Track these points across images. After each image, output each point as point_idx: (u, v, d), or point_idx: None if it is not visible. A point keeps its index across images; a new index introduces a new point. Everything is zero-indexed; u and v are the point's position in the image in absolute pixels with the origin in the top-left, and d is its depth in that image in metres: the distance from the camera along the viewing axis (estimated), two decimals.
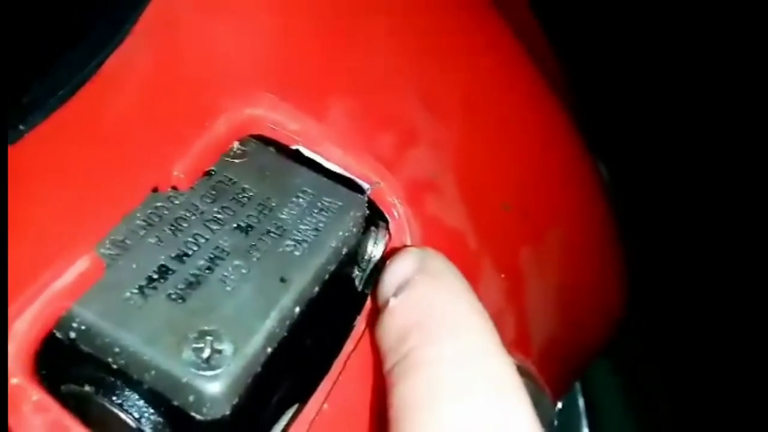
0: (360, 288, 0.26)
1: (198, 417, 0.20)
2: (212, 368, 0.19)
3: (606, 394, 0.60)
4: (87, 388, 0.20)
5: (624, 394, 0.61)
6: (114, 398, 0.20)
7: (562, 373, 0.40)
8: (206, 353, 0.20)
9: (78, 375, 0.20)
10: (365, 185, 0.26)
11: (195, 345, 0.20)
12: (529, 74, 0.38)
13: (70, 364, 0.20)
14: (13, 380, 0.17)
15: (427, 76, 0.30)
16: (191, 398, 0.19)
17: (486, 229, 0.30)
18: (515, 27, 0.35)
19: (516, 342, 0.32)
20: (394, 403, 0.19)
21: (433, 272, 0.22)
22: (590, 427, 0.57)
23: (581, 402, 0.58)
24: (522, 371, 0.31)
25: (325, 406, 0.21)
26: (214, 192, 0.24)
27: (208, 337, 0.20)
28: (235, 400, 0.20)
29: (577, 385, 0.58)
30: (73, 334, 0.20)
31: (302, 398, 0.22)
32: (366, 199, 0.26)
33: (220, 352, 0.20)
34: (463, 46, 0.33)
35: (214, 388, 0.19)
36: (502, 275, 0.31)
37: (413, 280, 0.21)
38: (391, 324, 0.21)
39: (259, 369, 0.21)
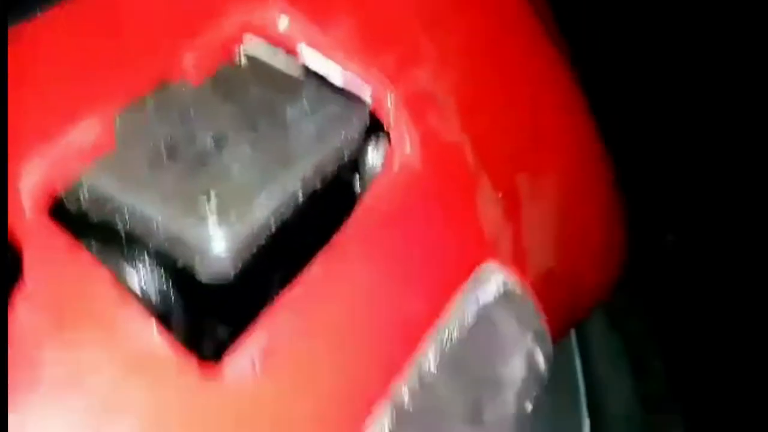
0: (358, 191, 0.28)
1: (202, 276, 0.22)
2: (218, 229, 0.21)
3: (601, 350, 0.61)
4: (94, 246, 0.22)
5: (618, 350, 0.62)
6: (121, 256, 0.22)
7: (558, 310, 0.41)
8: (213, 217, 0.22)
9: (86, 243, 0.22)
10: (366, 95, 0.28)
11: (202, 205, 0.22)
12: (533, 21, 0.40)
13: (79, 232, 0.22)
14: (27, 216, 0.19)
15: (434, 5, 0.32)
16: (197, 257, 0.21)
17: (484, 149, 0.32)
18: None
19: (513, 259, 0.33)
20: None
21: None
22: (586, 383, 0.58)
23: (578, 361, 0.59)
24: (520, 289, 0.33)
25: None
26: (222, 89, 0.26)
27: (215, 203, 0.22)
28: (239, 265, 0.22)
29: (573, 341, 0.59)
30: (83, 201, 0.22)
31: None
32: (368, 108, 0.28)
33: (225, 216, 0.22)
34: None
35: (219, 246, 0.21)
36: (500, 194, 0.32)
37: None
38: None
39: (263, 242, 0.23)
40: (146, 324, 0.21)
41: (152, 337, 0.21)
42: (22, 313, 0.18)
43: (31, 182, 0.20)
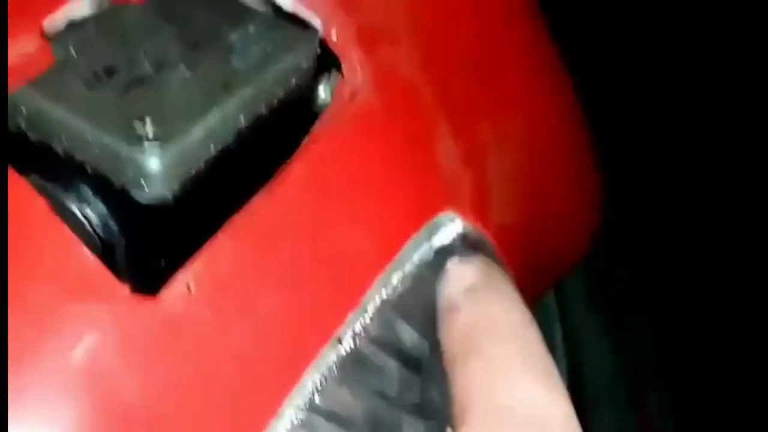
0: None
1: (140, 198, 0.21)
2: (152, 145, 0.21)
3: (582, 314, 0.61)
4: (34, 178, 0.22)
5: (596, 305, 0.63)
6: (61, 187, 0.22)
7: (529, 264, 0.41)
8: (148, 133, 0.21)
9: (26, 167, 0.22)
10: (316, 23, 0.27)
11: (137, 125, 0.21)
12: None
13: (18, 155, 0.21)
14: None
15: None
16: (132, 174, 0.21)
17: (443, 90, 0.31)
18: None
19: (474, 207, 0.33)
20: (459, 382, 0.23)
21: (497, 285, 0.26)
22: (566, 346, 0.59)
23: (558, 326, 0.60)
24: (479, 239, 0.33)
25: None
26: (167, 10, 0.25)
27: (149, 120, 0.21)
28: (176, 186, 0.21)
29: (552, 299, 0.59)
30: (20, 120, 0.21)
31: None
32: (318, 37, 0.27)
33: (161, 134, 0.21)
34: None
35: (153, 163, 0.21)
36: (460, 138, 0.32)
37: (479, 287, 0.25)
38: (459, 318, 0.24)
39: (202, 165, 0.22)
40: (79, 252, 0.20)
41: (87, 264, 0.20)
42: None
43: None
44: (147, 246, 0.22)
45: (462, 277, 0.26)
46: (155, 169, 0.21)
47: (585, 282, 0.62)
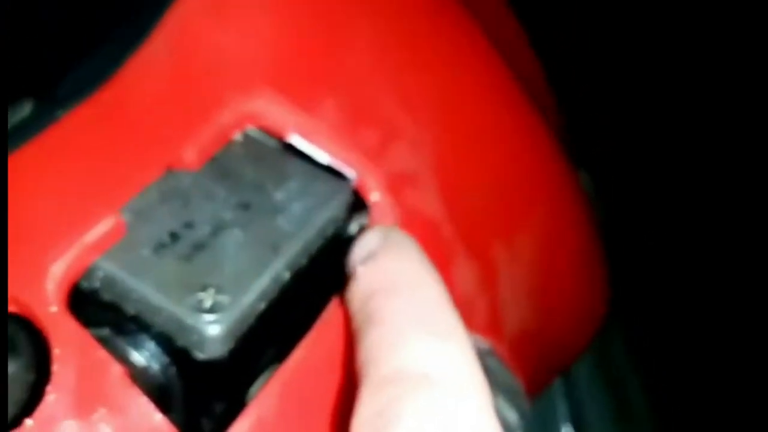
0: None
1: (199, 356, 0.25)
2: (213, 314, 0.24)
3: (587, 390, 0.65)
4: (105, 331, 0.25)
5: (602, 388, 0.66)
6: (128, 339, 0.25)
7: (537, 367, 0.44)
8: (208, 302, 0.25)
9: (98, 319, 0.25)
10: (350, 175, 0.31)
11: (199, 294, 0.25)
12: (504, 78, 0.43)
13: (92, 311, 0.25)
14: (52, 308, 0.22)
15: (407, 79, 0.36)
16: (194, 339, 0.24)
17: (461, 221, 0.35)
18: (493, 29, 0.40)
19: (488, 327, 0.36)
20: (360, 354, 0.24)
21: (395, 244, 0.27)
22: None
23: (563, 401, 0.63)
24: (492, 355, 0.36)
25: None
26: (219, 173, 0.29)
27: (210, 289, 0.25)
28: (231, 345, 0.25)
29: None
30: (96, 284, 0.25)
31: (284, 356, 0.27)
32: (351, 186, 0.31)
33: (219, 302, 0.25)
34: (439, 50, 0.38)
35: (214, 330, 0.24)
36: (475, 264, 0.36)
37: (378, 251, 0.26)
38: (358, 288, 0.26)
39: (252, 322, 0.26)
40: (150, 411, 0.23)
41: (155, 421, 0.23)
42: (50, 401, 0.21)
43: (55, 280, 0.22)
44: (204, 394, 0.26)
45: (362, 244, 0.27)
46: (215, 336, 0.24)
47: (589, 357, 0.65)
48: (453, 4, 0.40)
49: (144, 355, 0.25)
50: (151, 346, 0.25)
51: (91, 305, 0.25)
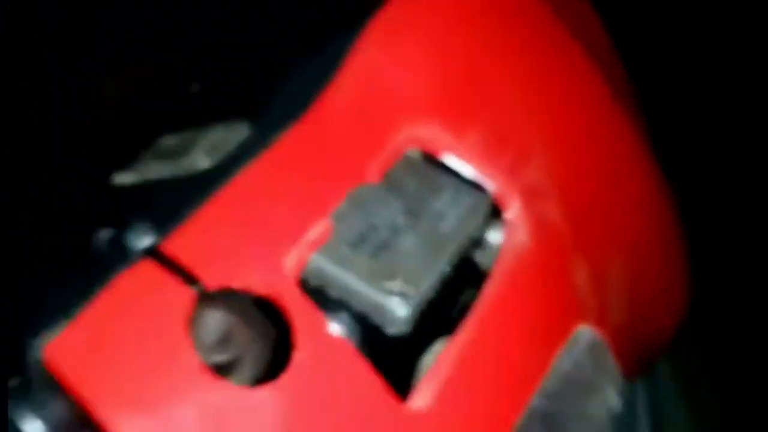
0: (487, 266, 0.38)
1: (389, 332, 0.32)
2: (401, 299, 0.31)
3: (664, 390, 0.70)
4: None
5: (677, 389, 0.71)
6: (331, 317, 0.32)
7: (628, 360, 0.50)
8: (397, 289, 0.31)
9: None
10: (490, 188, 0.38)
11: (389, 283, 0.31)
12: (617, 107, 0.49)
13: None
14: (290, 293, 0.29)
15: (535, 107, 0.42)
16: (386, 318, 0.31)
17: (578, 228, 0.42)
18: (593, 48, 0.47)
19: (598, 320, 0.43)
20: None
21: None
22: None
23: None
24: (605, 345, 0.42)
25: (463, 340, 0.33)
26: (391, 187, 0.36)
27: (398, 280, 0.32)
28: (413, 324, 0.32)
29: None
30: (308, 273, 0.32)
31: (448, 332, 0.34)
32: (490, 198, 0.37)
33: (405, 290, 0.32)
34: (559, 80, 0.45)
35: (402, 312, 0.31)
36: (588, 265, 0.42)
37: None
38: None
39: (426, 306, 0.33)
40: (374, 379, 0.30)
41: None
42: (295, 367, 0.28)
43: (289, 270, 0.30)
44: (386, 362, 0.33)
45: None
46: (403, 316, 0.31)
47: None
48: (567, 38, 0.46)
49: (343, 331, 0.32)
50: (352, 322, 0.32)
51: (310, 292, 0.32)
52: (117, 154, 0.39)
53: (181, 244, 0.28)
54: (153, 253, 0.28)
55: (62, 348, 0.26)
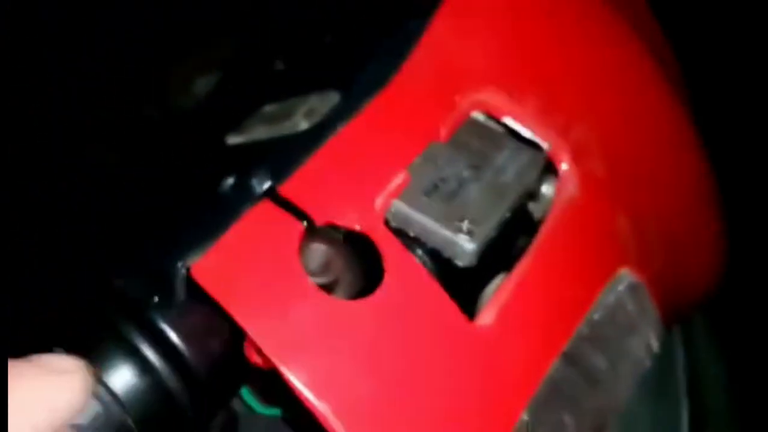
0: (540, 215, 0.44)
1: (459, 264, 0.38)
2: (469, 236, 0.38)
3: (702, 342, 0.75)
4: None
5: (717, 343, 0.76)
6: (413, 251, 0.39)
7: (666, 306, 0.56)
8: (465, 228, 0.38)
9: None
10: (545, 146, 0.44)
11: (459, 224, 0.38)
12: (659, 79, 0.54)
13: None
14: (380, 228, 0.36)
15: (583, 77, 0.48)
16: (457, 252, 0.38)
17: (619, 183, 0.47)
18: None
19: (638, 264, 0.49)
20: None
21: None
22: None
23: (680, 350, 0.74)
24: (644, 288, 0.48)
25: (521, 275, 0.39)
26: (458, 145, 0.42)
27: (466, 221, 0.38)
28: (478, 258, 0.38)
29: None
30: (390, 215, 0.39)
31: (507, 269, 0.40)
32: (545, 155, 0.44)
33: (472, 229, 0.38)
34: (607, 52, 0.50)
35: (470, 247, 0.38)
36: (629, 214, 0.48)
37: None
38: None
39: (489, 244, 0.39)
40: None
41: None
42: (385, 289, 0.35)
43: (379, 210, 0.36)
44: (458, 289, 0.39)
45: None
46: (471, 250, 0.38)
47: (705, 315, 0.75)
48: (617, 17, 0.52)
49: (423, 262, 0.39)
50: (426, 257, 0.39)
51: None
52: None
53: (294, 188, 0.35)
54: (272, 194, 0.35)
55: (207, 267, 0.33)
